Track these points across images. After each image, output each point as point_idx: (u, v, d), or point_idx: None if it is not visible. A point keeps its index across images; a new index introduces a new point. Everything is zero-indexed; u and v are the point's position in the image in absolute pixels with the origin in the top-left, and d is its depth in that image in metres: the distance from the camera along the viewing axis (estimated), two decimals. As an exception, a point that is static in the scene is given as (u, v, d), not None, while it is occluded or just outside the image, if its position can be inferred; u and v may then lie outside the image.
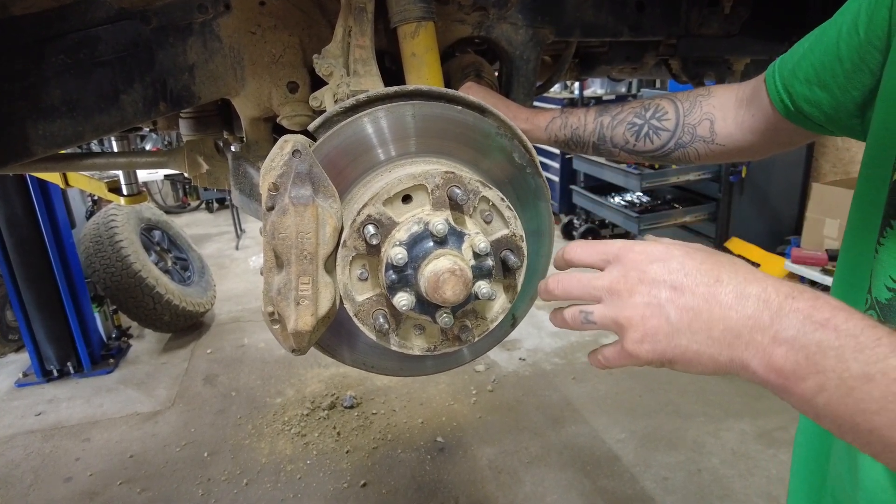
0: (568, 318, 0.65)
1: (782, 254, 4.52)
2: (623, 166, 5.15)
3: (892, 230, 0.64)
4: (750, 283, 0.54)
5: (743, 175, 4.83)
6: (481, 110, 0.82)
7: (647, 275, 0.58)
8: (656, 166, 4.94)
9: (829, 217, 4.22)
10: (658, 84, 6.00)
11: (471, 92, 1.05)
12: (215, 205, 8.40)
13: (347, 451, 3.18)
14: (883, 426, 0.46)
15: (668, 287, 0.56)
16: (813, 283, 4.21)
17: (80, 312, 4.01)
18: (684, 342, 0.55)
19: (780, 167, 4.93)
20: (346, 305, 0.75)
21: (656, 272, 0.58)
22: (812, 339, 0.49)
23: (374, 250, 0.74)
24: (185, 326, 4.56)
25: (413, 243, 0.72)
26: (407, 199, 0.74)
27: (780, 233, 4.98)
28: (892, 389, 0.45)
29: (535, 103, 1.29)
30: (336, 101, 0.94)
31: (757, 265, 4.59)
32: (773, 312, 0.52)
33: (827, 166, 4.96)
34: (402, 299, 0.72)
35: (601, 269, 0.63)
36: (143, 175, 4.87)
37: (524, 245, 0.78)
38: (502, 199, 0.77)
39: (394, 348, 0.78)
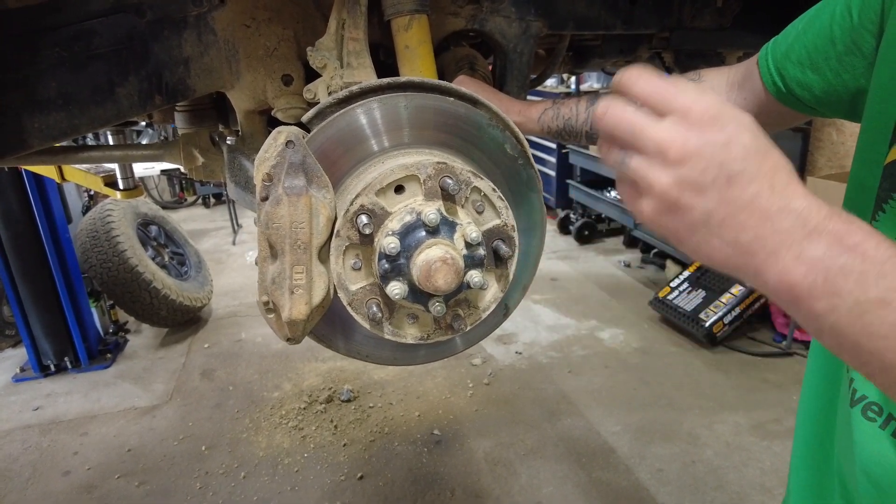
0: (605, 150, 0.58)
1: (777, 247, 4.53)
2: (619, 161, 5.16)
3: (885, 213, 0.65)
4: (797, 196, 0.51)
5: (738, 169, 4.84)
6: (473, 102, 0.83)
7: (704, 150, 0.51)
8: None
9: (823, 211, 4.24)
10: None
11: (463, 84, 1.06)
12: (212, 200, 8.39)
13: (344, 445, 3.20)
14: (887, 349, 0.46)
15: (720, 173, 0.50)
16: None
17: (76, 307, 4.01)
18: (706, 235, 0.52)
19: (776, 161, 4.94)
20: (340, 294, 0.76)
21: (714, 152, 0.51)
22: (836, 262, 0.48)
23: (367, 240, 0.75)
24: (182, 321, 4.56)
25: (405, 233, 0.73)
26: (399, 189, 0.75)
27: (776, 227, 5.00)
28: None
29: (530, 97, 1.30)
30: (329, 93, 0.95)
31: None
32: (807, 231, 0.49)
33: (822, 160, 4.97)
34: (395, 288, 0.73)
35: (659, 115, 0.54)
36: (139, 170, 4.85)
37: (516, 235, 0.80)
38: (494, 189, 0.78)
39: (387, 337, 0.79)
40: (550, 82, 6.93)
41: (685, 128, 0.52)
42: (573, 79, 6.60)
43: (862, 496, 0.68)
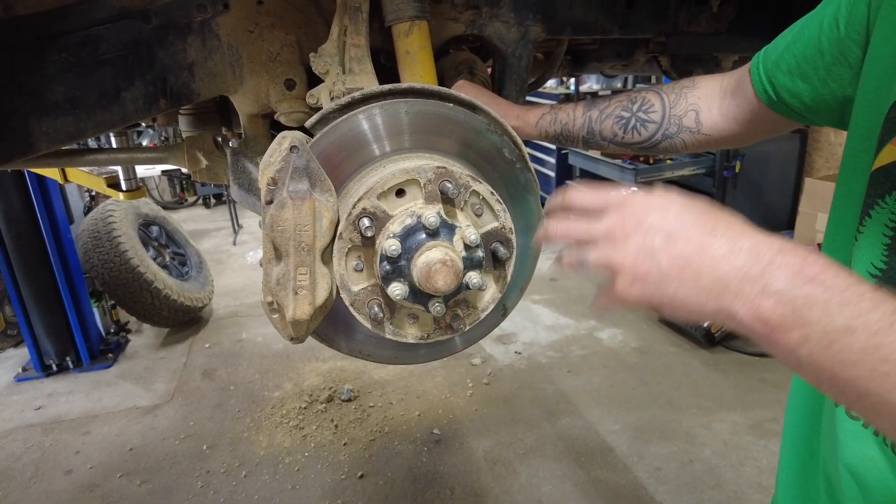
0: (566, 261, 0.66)
1: (775, 248, 4.55)
2: (618, 161, 5.18)
3: (871, 219, 0.67)
4: (743, 237, 0.56)
5: (737, 170, 4.87)
6: (472, 107, 0.85)
7: (644, 222, 0.60)
8: (650, 161, 4.97)
9: (821, 212, 4.26)
10: (653, 80, 6.02)
11: (463, 89, 1.08)
12: (212, 200, 8.40)
13: (345, 444, 3.22)
14: (859, 376, 0.48)
15: (662, 234, 0.58)
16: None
17: (78, 308, 4.03)
18: (672, 289, 0.57)
19: (774, 162, 4.97)
20: (343, 295, 0.78)
21: (653, 220, 0.59)
22: (800, 292, 0.51)
23: (369, 242, 0.77)
24: (183, 321, 4.58)
25: (406, 235, 0.75)
26: (400, 192, 0.77)
27: (774, 227, 5.01)
28: (872, 342, 0.47)
29: (530, 98, 1.32)
30: (332, 99, 0.97)
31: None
32: (763, 265, 0.53)
33: (820, 161, 5.00)
34: (396, 289, 0.75)
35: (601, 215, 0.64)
36: (140, 171, 4.87)
37: (513, 237, 0.82)
38: (492, 192, 0.80)
39: (388, 336, 0.81)
40: (550, 83, 6.95)
41: (623, 213, 0.61)
42: (573, 80, 6.62)
43: (846, 493, 0.70)
